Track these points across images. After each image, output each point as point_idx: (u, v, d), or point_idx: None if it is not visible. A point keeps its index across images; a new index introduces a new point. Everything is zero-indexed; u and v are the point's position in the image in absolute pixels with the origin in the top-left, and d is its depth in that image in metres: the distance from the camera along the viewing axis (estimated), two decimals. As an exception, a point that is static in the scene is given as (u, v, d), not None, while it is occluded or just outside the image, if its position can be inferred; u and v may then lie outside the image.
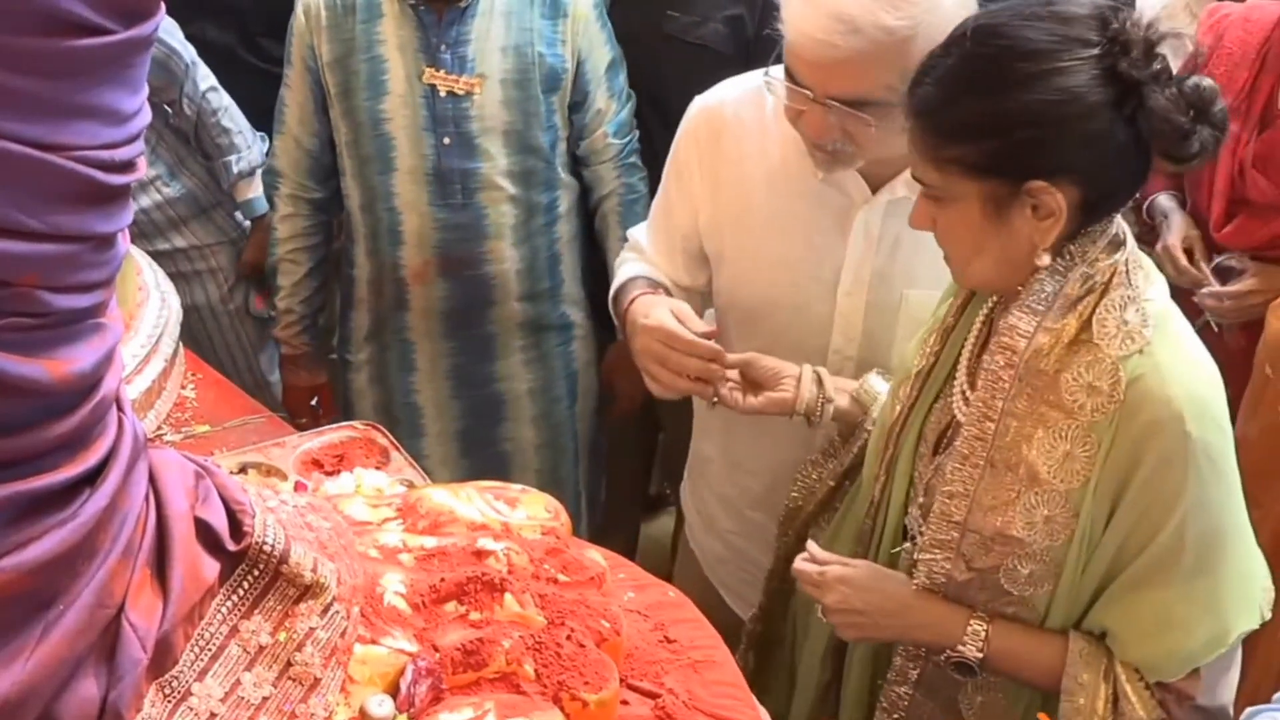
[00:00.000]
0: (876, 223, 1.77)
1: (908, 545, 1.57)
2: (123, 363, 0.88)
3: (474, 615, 0.99)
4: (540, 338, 2.58)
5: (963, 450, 1.45)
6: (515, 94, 2.37)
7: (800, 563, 1.59)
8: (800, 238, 1.81)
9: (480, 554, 1.04)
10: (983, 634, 1.49)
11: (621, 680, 1.02)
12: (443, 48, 2.32)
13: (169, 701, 0.84)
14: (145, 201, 2.69)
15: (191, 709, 0.85)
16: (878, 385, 1.74)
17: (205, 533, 0.90)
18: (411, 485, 1.58)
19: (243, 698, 0.87)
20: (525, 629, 0.98)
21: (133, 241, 2.72)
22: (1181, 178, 2.45)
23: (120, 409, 0.87)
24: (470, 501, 1.14)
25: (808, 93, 1.61)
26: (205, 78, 2.66)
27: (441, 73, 2.33)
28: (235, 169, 2.72)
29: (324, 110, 2.44)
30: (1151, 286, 1.42)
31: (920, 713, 1.59)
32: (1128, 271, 1.40)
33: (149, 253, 2.68)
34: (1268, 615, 1.50)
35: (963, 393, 1.51)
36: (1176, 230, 2.44)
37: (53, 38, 0.71)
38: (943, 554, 1.48)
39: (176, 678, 0.85)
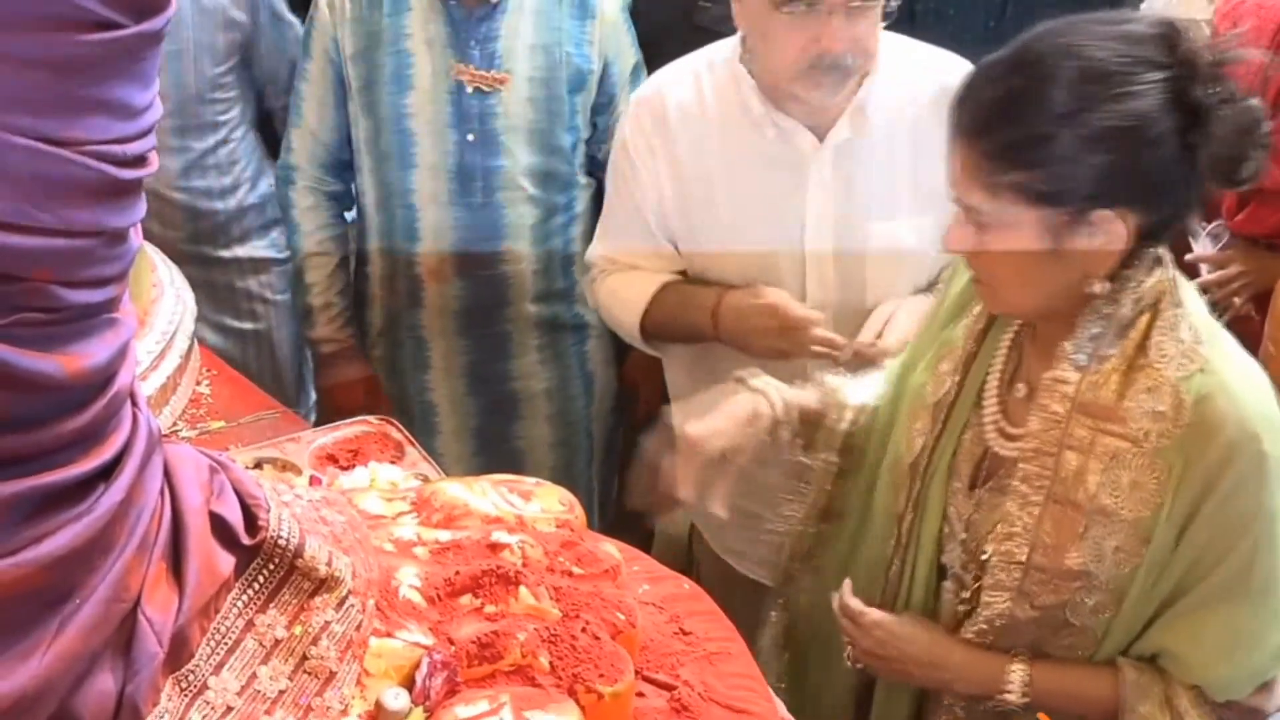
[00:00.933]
0: (828, 168, 1.85)
1: (948, 584, 1.51)
2: (136, 358, 0.88)
3: (489, 608, 0.99)
4: (556, 337, 2.56)
5: (1021, 489, 1.39)
6: (541, 93, 2.35)
7: (846, 598, 1.52)
8: (760, 200, 1.89)
9: (495, 547, 1.03)
10: (1025, 678, 1.44)
11: (637, 672, 1.02)
12: (472, 43, 2.31)
13: (185, 695, 0.84)
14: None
15: (208, 702, 0.85)
16: (833, 380, 1.71)
17: (220, 527, 0.90)
18: (426, 479, 1.58)
19: (259, 691, 0.87)
20: (540, 622, 0.98)
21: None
22: None
23: (135, 404, 0.87)
24: (485, 495, 1.14)
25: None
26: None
27: (470, 68, 2.32)
28: None
29: (344, 104, 2.42)
30: (1191, 299, 1.38)
31: None
32: (1175, 290, 1.36)
33: (209, 259, 2.72)
34: None
35: (996, 425, 1.45)
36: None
37: (64, 32, 0.71)
38: (1005, 595, 1.42)
39: (193, 671, 0.85)
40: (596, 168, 2.52)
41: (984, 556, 1.44)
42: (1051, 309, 1.38)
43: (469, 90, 2.33)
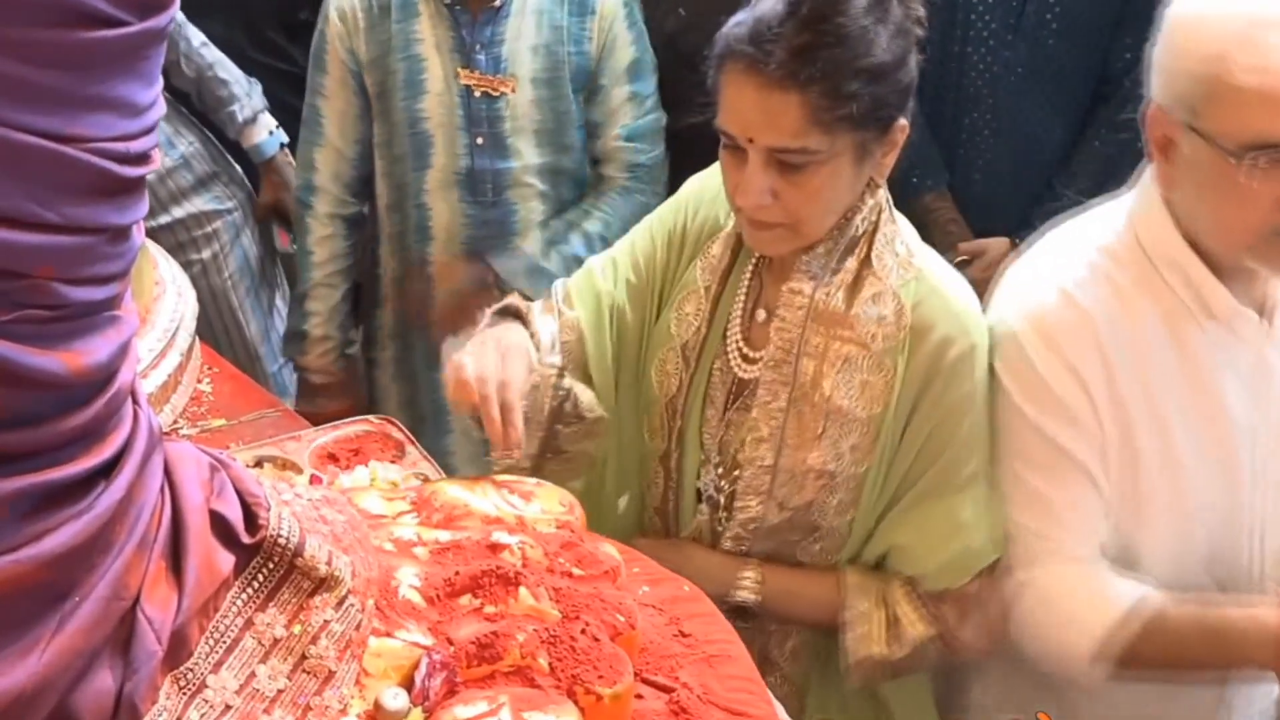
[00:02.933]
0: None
1: (703, 507, 1.60)
2: (138, 355, 0.88)
3: (488, 609, 0.99)
4: None
5: (764, 397, 1.50)
6: (546, 93, 2.36)
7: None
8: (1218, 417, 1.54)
9: (495, 548, 1.03)
10: (757, 578, 1.56)
11: (636, 674, 1.02)
12: (478, 48, 2.32)
13: (184, 694, 0.84)
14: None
15: (206, 701, 0.85)
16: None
17: (220, 525, 0.90)
18: (426, 479, 1.58)
19: (257, 690, 0.87)
20: (540, 623, 0.98)
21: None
22: None
23: (135, 402, 0.87)
24: (485, 495, 1.14)
25: None
26: (195, 34, 2.65)
27: (476, 74, 2.33)
28: (240, 117, 2.70)
29: (367, 114, 2.40)
30: (901, 220, 1.54)
31: None
32: (889, 208, 1.52)
33: (149, 229, 2.69)
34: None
35: (739, 350, 1.55)
36: None
37: (68, 29, 0.71)
38: (757, 500, 1.53)
39: (191, 670, 0.85)
40: (594, 163, 2.53)
41: (735, 471, 1.55)
42: (829, 226, 1.49)
43: (477, 94, 2.33)
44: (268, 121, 2.74)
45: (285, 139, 2.76)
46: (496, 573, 1.00)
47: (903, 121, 1.45)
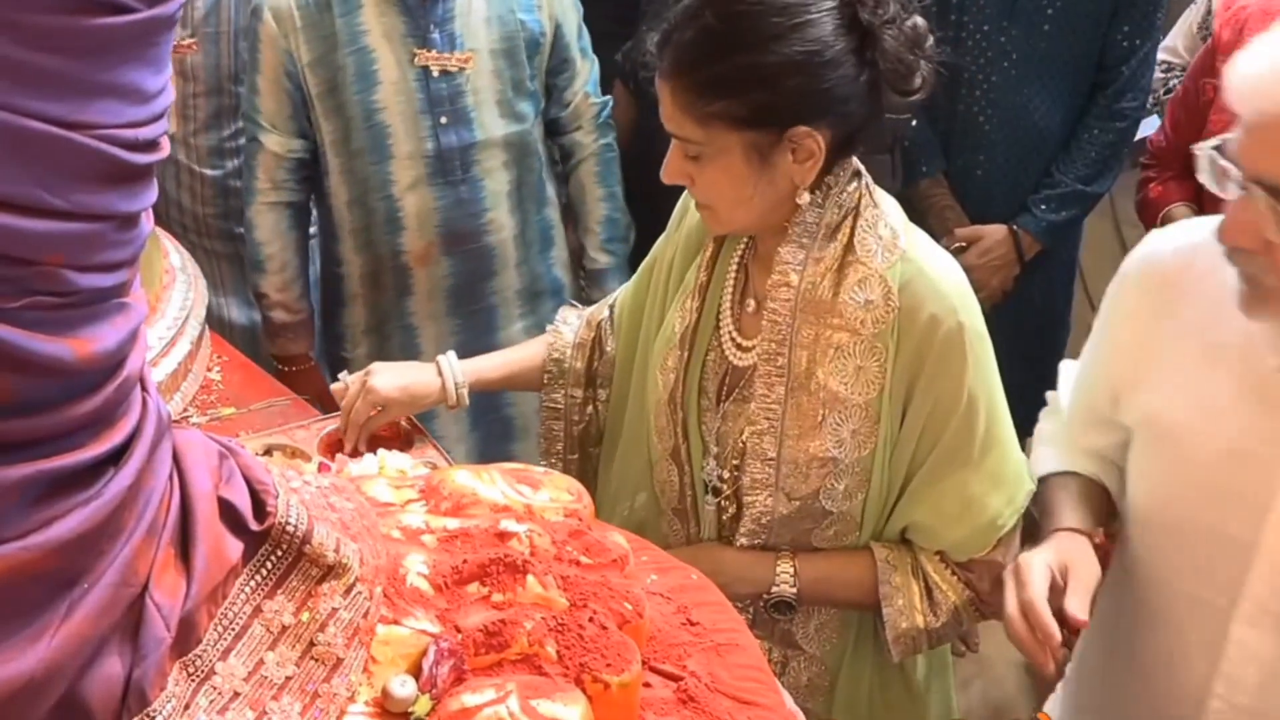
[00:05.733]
0: None
1: (709, 498, 1.63)
2: (147, 342, 0.88)
3: (496, 597, 0.98)
4: (536, 304, 2.62)
5: (761, 390, 1.52)
6: (504, 63, 2.39)
7: None
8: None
9: (503, 536, 1.03)
10: (792, 570, 1.59)
11: (644, 663, 1.02)
12: (431, 27, 2.32)
13: (192, 680, 0.84)
14: None
15: (215, 688, 0.85)
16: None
17: (229, 513, 0.90)
18: (435, 467, 1.58)
19: (266, 677, 0.87)
20: (547, 611, 0.98)
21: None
22: (1198, 189, 2.41)
23: (145, 389, 0.87)
24: (493, 484, 1.14)
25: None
26: None
27: (433, 53, 2.33)
28: None
29: (303, 113, 2.39)
30: (885, 202, 1.55)
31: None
32: (871, 194, 1.53)
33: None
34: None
35: (733, 339, 1.58)
36: None
37: (76, 15, 0.71)
38: (765, 493, 1.55)
39: (200, 657, 0.85)
40: (558, 131, 2.56)
41: (735, 462, 1.58)
42: (768, 223, 1.52)
43: (435, 74, 2.34)
44: None
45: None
46: (504, 561, 1.00)
47: (803, 129, 1.43)
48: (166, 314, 1.95)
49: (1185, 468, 1.46)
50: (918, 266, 1.51)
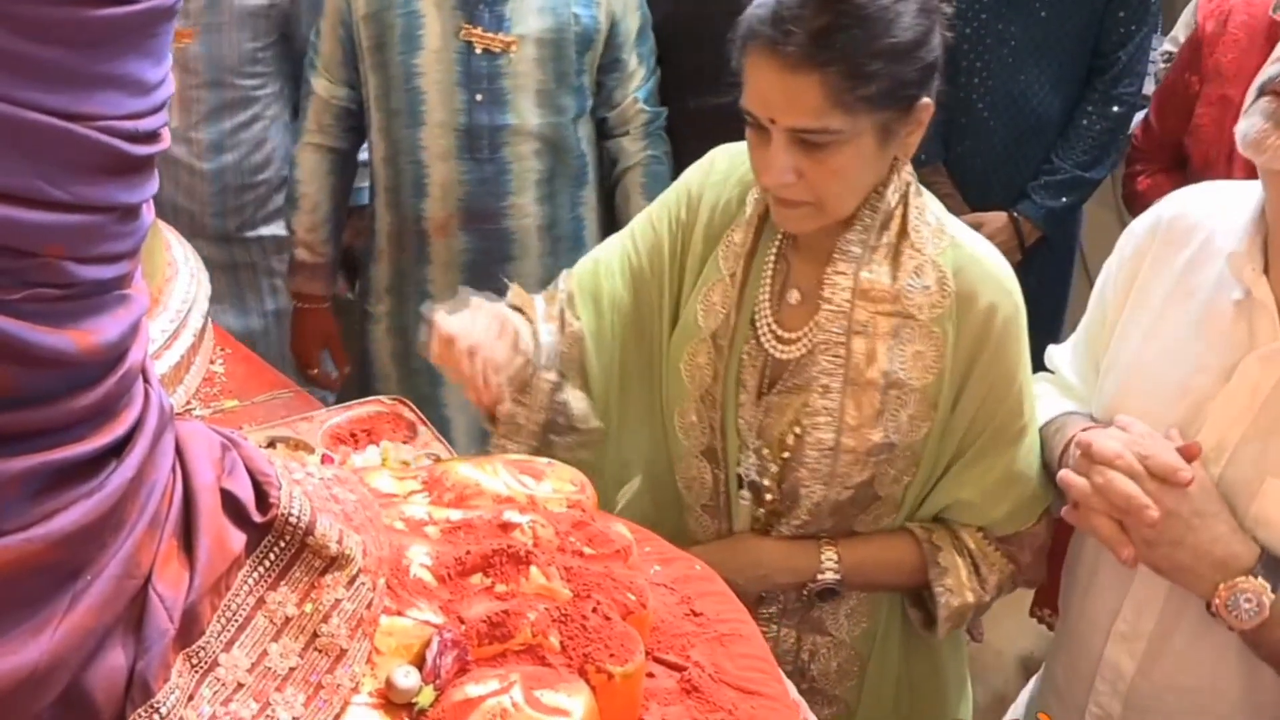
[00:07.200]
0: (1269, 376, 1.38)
1: (744, 493, 1.62)
2: (149, 334, 0.88)
3: (499, 588, 0.99)
4: None
5: (820, 380, 1.51)
6: (550, 53, 2.37)
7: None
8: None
9: (506, 526, 1.03)
10: (836, 556, 1.58)
11: (647, 653, 1.02)
12: (480, 5, 2.32)
13: (196, 672, 0.84)
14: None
15: (218, 679, 0.85)
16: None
17: (231, 504, 0.90)
18: (438, 459, 1.58)
19: (269, 668, 0.88)
20: (551, 601, 0.98)
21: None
22: (1200, 171, 2.42)
23: (147, 381, 0.87)
24: (496, 474, 1.14)
25: None
26: None
27: (479, 30, 2.34)
28: None
29: (353, 63, 2.44)
30: (926, 191, 1.57)
31: (788, 644, 1.68)
32: (915, 181, 1.54)
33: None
34: None
35: (772, 331, 1.55)
36: None
37: (76, 6, 0.71)
38: (820, 483, 1.54)
39: (203, 648, 0.85)
40: (606, 134, 2.54)
41: (786, 455, 1.56)
42: (856, 205, 1.51)
43: (478, 51, 2.34)
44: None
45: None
46: (508, 551, 1.00)
47: (926, 100, 1.45)
48: (169, 306, 1.94)
49: (1141, 402, 1.49)
50: (968, 253, 1.52)
